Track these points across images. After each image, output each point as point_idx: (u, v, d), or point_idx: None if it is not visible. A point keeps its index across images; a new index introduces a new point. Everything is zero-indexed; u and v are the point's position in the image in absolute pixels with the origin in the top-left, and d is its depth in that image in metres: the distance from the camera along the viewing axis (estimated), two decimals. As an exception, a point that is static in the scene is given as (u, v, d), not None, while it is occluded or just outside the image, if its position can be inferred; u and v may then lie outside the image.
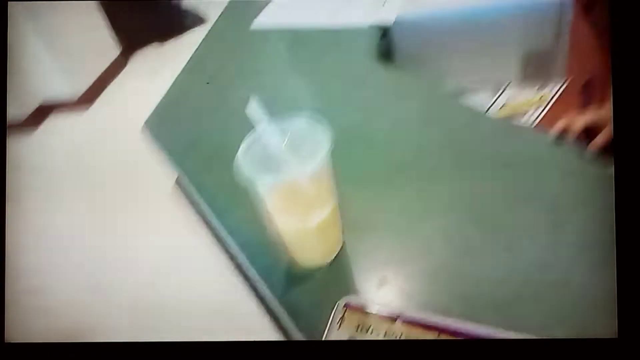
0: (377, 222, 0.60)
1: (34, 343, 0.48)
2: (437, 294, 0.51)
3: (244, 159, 0.48)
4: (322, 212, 0.52)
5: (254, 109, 0.48)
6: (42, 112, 2.71)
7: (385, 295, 0.52)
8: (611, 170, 0.55)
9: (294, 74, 0.97)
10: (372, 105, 0.81)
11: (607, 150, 0.80)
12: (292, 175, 0.48)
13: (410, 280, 0.53)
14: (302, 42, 1.05)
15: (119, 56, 3.03)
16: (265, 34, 1.09)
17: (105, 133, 2.59)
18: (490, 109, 1.01)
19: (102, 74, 2.89)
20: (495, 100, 1.02)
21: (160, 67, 3.01)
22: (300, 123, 0.51)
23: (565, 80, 1.00)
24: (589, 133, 0.78)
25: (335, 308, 0.50)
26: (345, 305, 0.51)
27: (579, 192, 0.58)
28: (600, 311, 0.45)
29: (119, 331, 0.72)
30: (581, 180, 0.60)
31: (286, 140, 0.50)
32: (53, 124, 2.70)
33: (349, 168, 0.67)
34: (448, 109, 0.77)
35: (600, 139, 0.76)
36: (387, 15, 1.01)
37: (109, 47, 2.98)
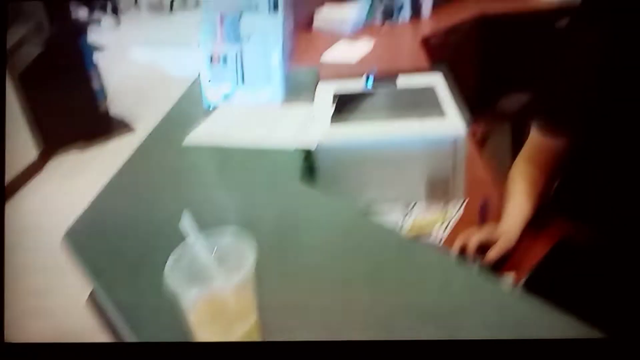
0: (296, 332, 0.62)
1: (34, 343, 0.47)
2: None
3: (172, 271, 0.51)
4: (245, 324, 0.54)
5: (187, 221, 0.52)
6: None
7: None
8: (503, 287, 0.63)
9: (221, 191, 1.02)
10: (293, 221, 0.87)
11: (497, 265, 0.91)
12: (217, 287, 0.51)
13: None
14: (231, 159, 1.12)
15: (36, 159, 2.95)
16: (196, 150, 1.16)
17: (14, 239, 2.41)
18: (401, 227, 1.11)
19: (16, 176, 2.77)
20: (405, 218, 1.13)
21: (78, 174, 2.97)
22: (227, 236, 0.55)
23: (464, 201, 1.14)
24: (483, 249, 0.89)
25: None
26: None
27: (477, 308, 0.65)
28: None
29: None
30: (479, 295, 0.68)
31: (214, 252, 0.53)
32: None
33: (269, 280, 0.71)
34: (362, 230, 0.84)
35: (492, 254, 0.87)
36: (310, 140, 1.12)
37: (26, 149, 2.90)
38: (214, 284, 0.50)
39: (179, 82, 1.65)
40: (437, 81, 1.33)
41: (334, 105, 1.27)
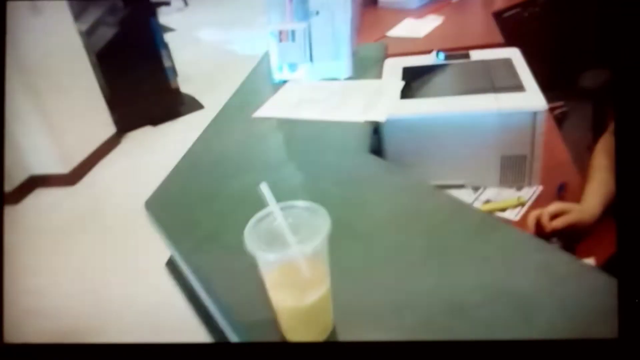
0: (363, 311, 0.62)
1: (33, 344, 0.47)
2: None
3: (250, 235, 0.52)
4: (317, 292, 0.54)
5: (265, 190, 0.53)
6: (29, 185, 2.72)
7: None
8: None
9: (292, 163, 1.03)
10: (361, 198, 0.86)
11: (572, 243, 0.84)
12: (293, 254, 0.51)
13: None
14: (300, 132, 1.13)
15: (113, 135, 3.13)
16: (266, 123, 1.18)
17: (95, 207, 2.60)
18: (472, 205, 1.07)
19: (95, 151, 2.96)
20: (476, 198, 1.10)
21: (151, 148, 3.13)
22: (303, 206, 0.55)
23: (539, 187, 1.08)
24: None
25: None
26: None
27: (550, 287, 0.62)
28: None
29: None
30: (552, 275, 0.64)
31: (289, 221, 0.54)
32: (41, 197, 2.71)
33: (334, 259, 0.71)
34: (432, 203, 0.82)
35: (559, 221, 0.79)
36: (379, 115, 1.11)
37: (105, 127, 3.08)
38: (290, 252, 0.51)
39: (245, 61, 1.67)
40: (513, 54, 1.26)
41: (403, 79, 1.24)
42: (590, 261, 0.83)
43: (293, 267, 0.53)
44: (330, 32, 1.32)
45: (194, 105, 3.57)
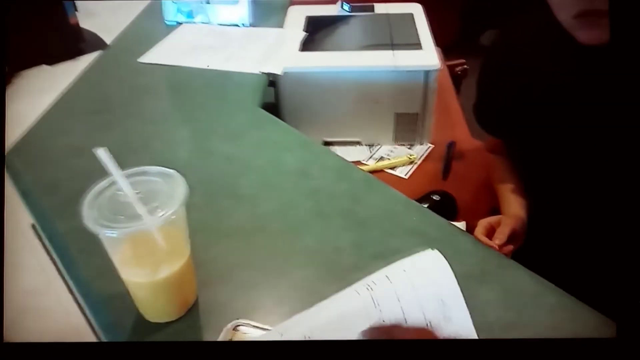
0: (235, 276, 0.60)
1: (33, 343, 0.47)
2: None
3: (90, 209, 0.47)
4: (174, 265, 0.51)
5: (103, 156, 0.47)
6: None
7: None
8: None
9: (177, 116, 0.96)
10: (248, 155, 0.82)
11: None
12: (142, 226, 0.47)
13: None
14: (189, 81, 1.05)
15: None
16: (154, 70, 1.08)
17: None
18: (365, 162, 1.08)
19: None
20: (371, 155, 1.10)
21: (47, 90, 2.83)
22: (156, 172, 0.51)
23: (431, 144, 1.11)
24: None
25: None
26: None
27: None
28: None
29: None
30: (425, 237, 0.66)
31: (141, 189, 0.49)
32: None
33: (213, 220, 0.68)
34: (319, 163, 0.80)
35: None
36: (276, 67, 1.05)
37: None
38: (138, 223, 0.46)
39: None
40: (416, 10, 1.24)
41: (305, 29, 1.19)
42: (460, 225, 0.86)
43: (145, 240, 0.48)
44: (229, -28, 1.22)
45: (96, 43, 3.23)
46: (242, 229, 0.67)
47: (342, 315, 0.48)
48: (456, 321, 0.50)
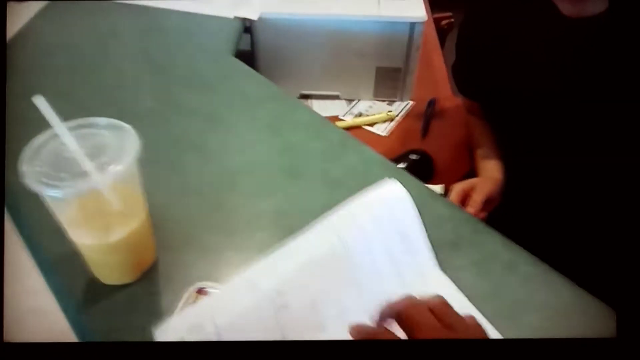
0: (197, 238, 0.56)
1: (34, 343, 0.47)
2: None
3: (30, 165, 0.42)
4: (128, 226, 0.47)
5: (42, 105, 0.41)
6: None
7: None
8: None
9: (140, 63, 0.89)
10: (216, 108, 0.77)
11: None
12: (90, 184, 0.42)
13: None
14: (156, 24, 0.97)
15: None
16: (117, 9, 0.99)
17: None
18: (343, 117, 1.03)
19: None
20: (349, 110, 1.05)
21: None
22: (104, 124, 0.46)
23: (411, 101, 1.07)
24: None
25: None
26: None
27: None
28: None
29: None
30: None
31: (89, 143, 0.44)
32: None
33: (177, 178, 0.64)
34: (293, 119, 0.76)
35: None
36: (251, 11, 0.98)
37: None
38: (86, 181, 0.42)
39: None
40: (404, -44, 1.17)
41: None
42: (439, 188, 0.84)
43: (95, 200, 0.44)
44: None
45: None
46: (207, 188, 0.63)
47: (312, 260, 0.48)
48: (418, 256, 0.54)
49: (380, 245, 0.52)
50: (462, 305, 0.50)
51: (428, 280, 0.53)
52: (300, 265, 0.48)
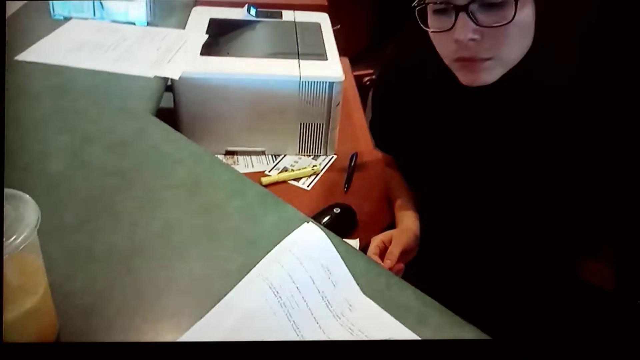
0: (104, 307, 0.54)
1: (33, 343, 0.47)
2: None
3: None
4: (25, 303, 0.44)
5: None
6: None
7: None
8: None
9: (56, 122, 0.86)
10: (133, 168, 0.76)
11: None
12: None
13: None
14: (75, 84, 0.95)
15: None
16: (34, 69, 0.97)
17: None
18: (269, 173, 1.05)
19: None
20: (274, 166, 1.07)
21: None
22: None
23: (335, 155, 1.10)
24: None
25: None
26: None
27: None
28: None
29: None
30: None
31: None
32: None
33: (85, 243, 0.61)
34: (213, 177, 0.76)
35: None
36: (173, 71, 0.99)
37: None
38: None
39: None
40: (323, 20, 1.24)
41: (208, 32, 1.13)
42: (354, 242, 0.86)
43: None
44: (124, -34, 1.13)
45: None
46: (117, 253, 0.61)
47: (247, 314, 0.50)
48: (342, 285, 0.58)
49: (308, 282, 0.55)
50: (387, 322, 0.55)
51: (355, 304, 0.57)
52: (236, 320, 0.49)
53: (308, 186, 1.03)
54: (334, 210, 0.94)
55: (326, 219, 0.91)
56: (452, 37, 0.61)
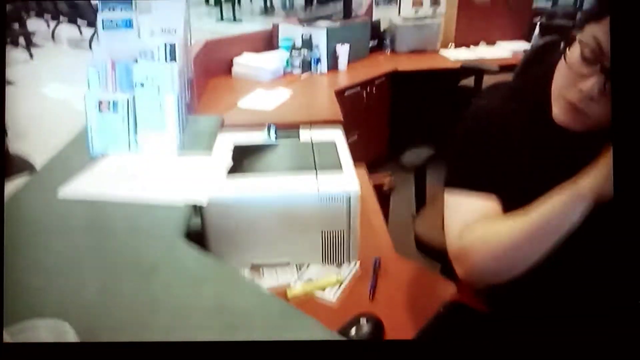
0: None
1: (33, 343, 0.48)
2: None
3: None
4: None
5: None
6: None
7: None
8: None
9: (93, 250, 0.92)
10: (163, 290, 0.79)
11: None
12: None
13: None
14: (111, 214, 1.03)
15: None
16: (74, 204, 1.06)
17: None
18: (294, 285, 1.06)
19: None
20: (299, 276, 1.09)
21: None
22: (43, 326, 0.47)
23: (357, 262, 1.12)
24: None
25: None
26: None
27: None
28: None
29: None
30: None
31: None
32: None
33: None
34: (236, 296, 0.78)
35: None
36: (200, 196, 1.06)
37: None
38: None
39: None
40: (337, 135, 1.33)
41: (232, 157, 1.23)
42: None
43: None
44: (156, 105, 1.27)
45: (23, 165, 3.17)
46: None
47: None
48: None
49: None
50: None
51: None
52: None
53: (333, 295, 1.04)
54: (361, 322, 0.93)
55: (353, 331, 0.91)
56: (578, 83, 0.69)
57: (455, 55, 2.92)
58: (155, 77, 1.24)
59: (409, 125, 2.86)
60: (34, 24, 5.85)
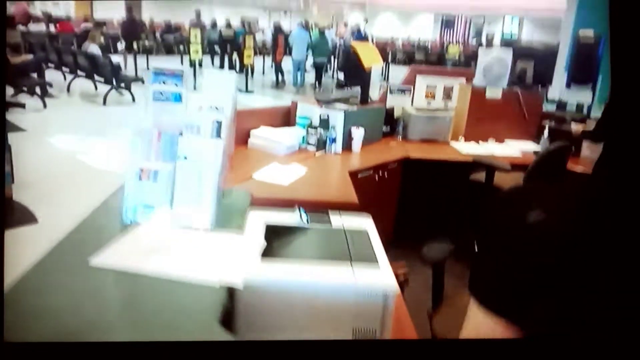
0: None
1: (33, 343, 0.48)
2: None
3: None
4: None
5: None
6: None
7: None
8: None
9: (124, 328, 0.89)
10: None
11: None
12: None
13: None
14: (144, 290, 1.00)
15: None
16: (106, 273, 1.03)
17: None
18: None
19: None
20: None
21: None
22: None
23: None
24: None
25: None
26: None
27: None
28: None
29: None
30: None
31: None
32: None
33: None
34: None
35: None
36: (235, 279, 1.04)
37: None
38: None
39: (95, 175, 1.53)
40: (368, 225, 1.34)
41: (266, 237, 1.22)
42: None
43: None
44: (196, 179, 1.28)
45: (25, 217, 3.12)
46: None
47: None
48: None
49: None
50: None
51: None
52: None
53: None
54: None
55: None
56: None
57: (466, 148, 3.02)
58: (200, 151, 1.26)
59: (416, 212, 2.89)
60: (52, 75, 6.01)
